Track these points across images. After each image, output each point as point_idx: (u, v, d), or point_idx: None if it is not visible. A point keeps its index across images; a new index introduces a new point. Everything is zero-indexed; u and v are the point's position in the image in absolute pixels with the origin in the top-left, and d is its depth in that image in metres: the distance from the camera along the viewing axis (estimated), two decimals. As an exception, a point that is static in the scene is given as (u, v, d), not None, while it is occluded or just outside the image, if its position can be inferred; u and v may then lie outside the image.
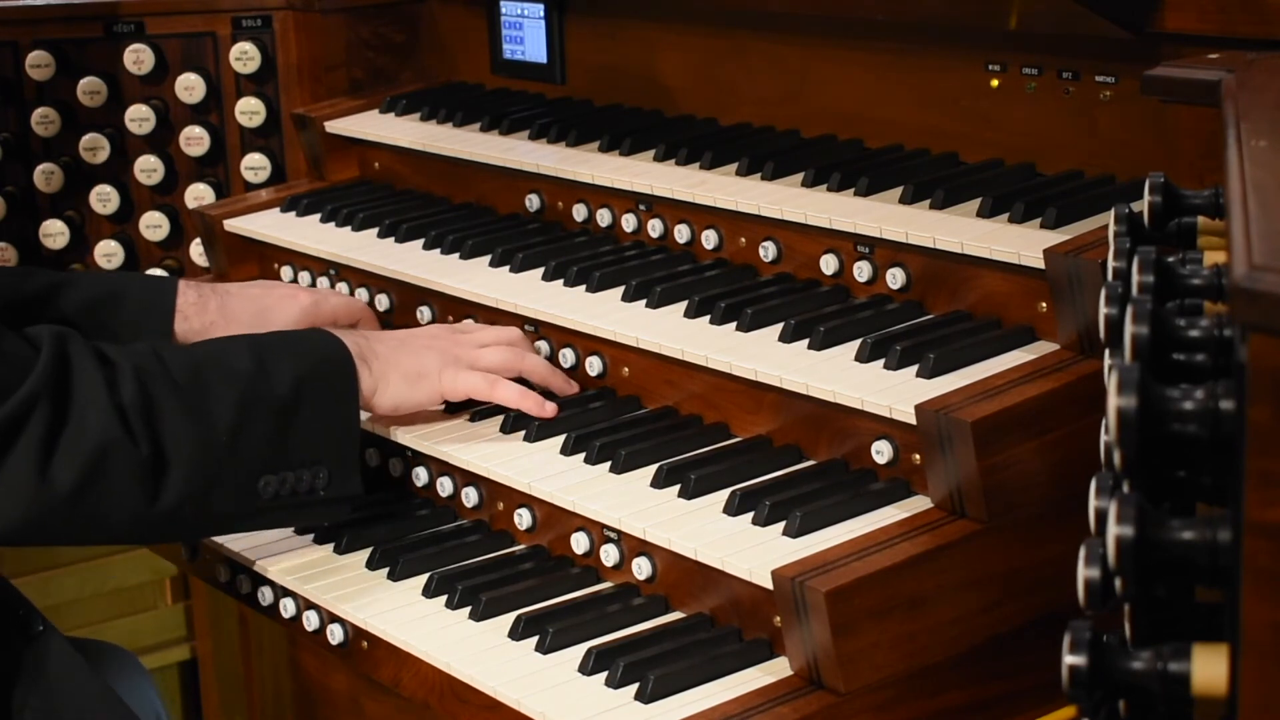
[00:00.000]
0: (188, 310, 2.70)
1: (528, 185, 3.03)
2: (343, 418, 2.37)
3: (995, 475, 2.04)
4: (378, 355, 2.45)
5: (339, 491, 2.36)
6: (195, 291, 2.73)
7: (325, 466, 2.33)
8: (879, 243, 2.45)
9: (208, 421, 2.24)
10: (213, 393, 2.26)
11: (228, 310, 2.72)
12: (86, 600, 4.05)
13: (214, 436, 2.24)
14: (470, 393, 2.50)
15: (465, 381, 2.49)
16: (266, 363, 2.31)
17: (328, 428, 2.34)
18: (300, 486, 2.32)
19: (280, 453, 2.30)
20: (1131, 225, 1.72)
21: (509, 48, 3.43)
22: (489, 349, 2.54)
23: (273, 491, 2.30)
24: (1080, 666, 1.26)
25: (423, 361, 2.48)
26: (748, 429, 2.39)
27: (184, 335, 2.69)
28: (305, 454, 2.32)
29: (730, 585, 2.13)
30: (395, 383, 2.45)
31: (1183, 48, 2.18)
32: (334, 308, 2.78)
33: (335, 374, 2.37)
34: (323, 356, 2.38)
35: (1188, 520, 1.23)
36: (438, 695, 2.22)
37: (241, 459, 2.27)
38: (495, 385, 2.50)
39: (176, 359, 2.28)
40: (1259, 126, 1.60)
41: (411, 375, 2.46)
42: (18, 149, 3.58)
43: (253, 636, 3.87)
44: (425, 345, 2.51)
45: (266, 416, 2.28)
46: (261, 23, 3.54)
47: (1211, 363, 1.35)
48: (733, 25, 3.00)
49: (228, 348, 2.36)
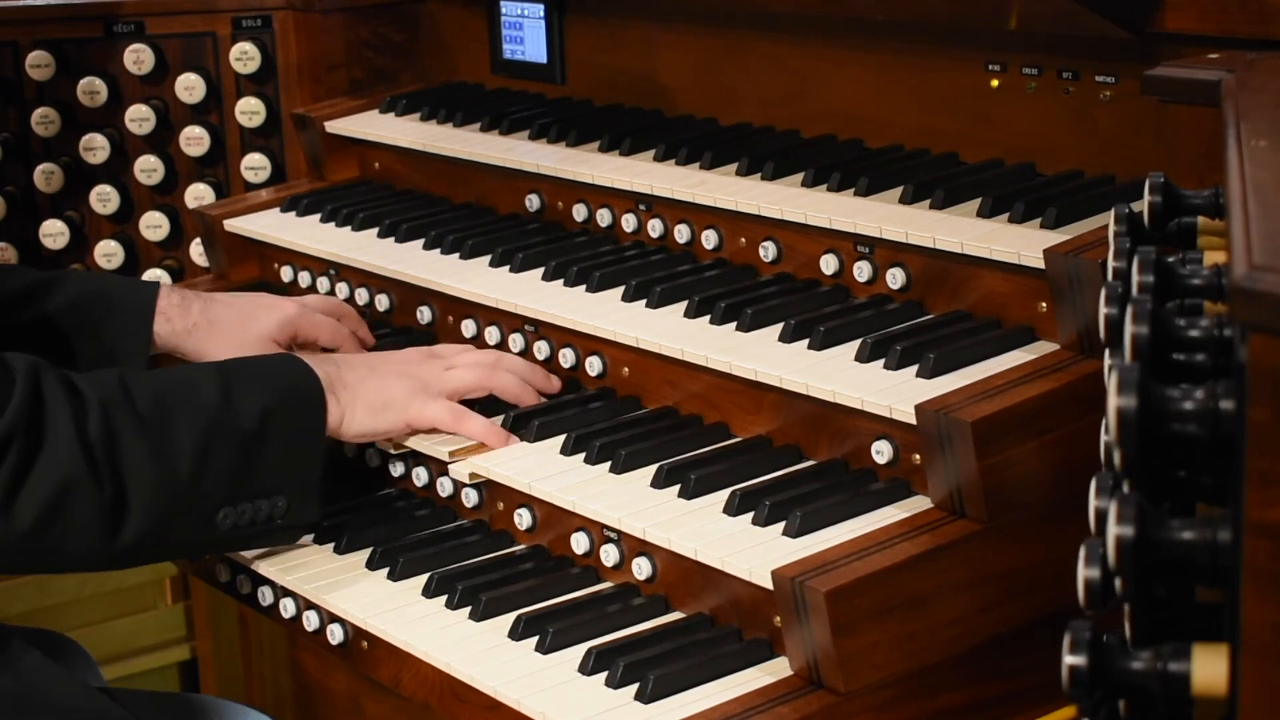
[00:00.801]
0: (170, 312, 2.70)
1: (528, 185, 3.03)
2: (308, 448, 2.36)
3: (995, 475, 2.04)
4: (346, 385, 2.44)
5: (295, 519, 2.37)
6: (178, 295, 2.74)
7: (284, 496, 2.33)
8: (879, 243, 2.45)
9: (171, 460, 2.23)
10: (177, 427, 2.25)
11: (211, 313, 2.72)
12: (86, 600, 4.05)
13: (176, 475, 2.23)
14: (435, 424, 2.49)
15: (431, 411, 2.48)
16: (234, 393, 2.30)
17: (292, 459, 2.34)
18: (259, 516, 2.32)
19: (241, 485, 2.30)
20: (1131, 225, 1.72)
21: (509, 48, 3.43)
22: (457, 370, 2.54)
23: (230, 523, 2.30)
24: (1080, 666, 1.26)
25: (389, 391, 2.47)
26: (748, 429, 2.39)
27: (166, 336, 2.69)
28: (267, 484, 2.32)
29: (730, 585, 2.13)
30: (360, 413, 2.44)
31: (1183, 48, 2.18)
32: (317, 324, 2.77)
33: (303, 405, 2.37)
34: (291, 386, 2.37)
35: (1188, 520, 1.23)
36: (438, 695, 2.22)
37: (202, 495, 2.27)
38: (460, 420, 2.48)
39: (143, 390, 2.26)
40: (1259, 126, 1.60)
41: (377, 406, 2.45)
42: (18, 149, 3.58)
43: (253, 636, 3.87)
44: (395, 372, 2.50)
45: (230, 450, 2.28)
46: (261, 23, 3.54)
47: (1211, 363, 1.35)
48: (733, 25, 3.01)
49: (196, 376, 2.35)
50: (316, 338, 2.76)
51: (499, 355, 2.60)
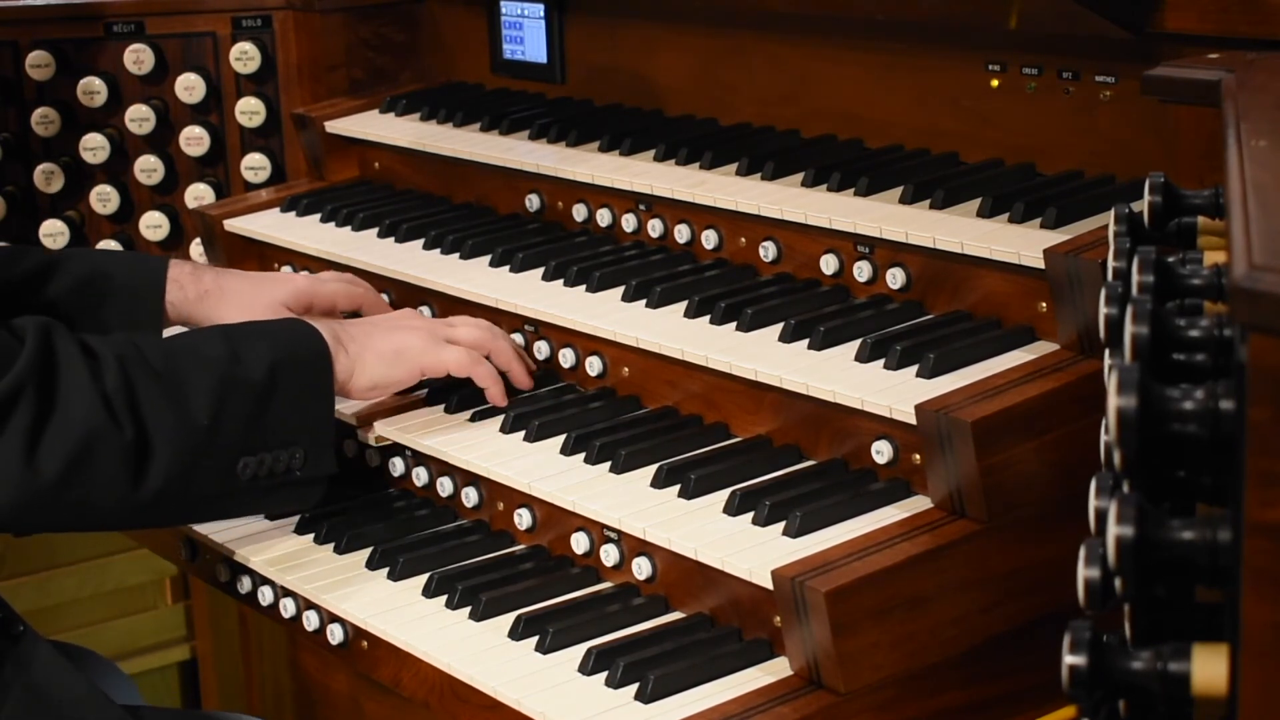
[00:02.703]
0: (183, 279, 2.72)
1: (528, 185, 3.03)
2: (318, 398, 2.40)
3: (995, 475, 2.05)
4: (354, 338, 2.48)
5: (314, 471, 2.39)
6: (190, 265, 2.76)
7: (301, 447, 2.37)
8: (879, 243, 2.45)
9: (187, 405, 2.27)
10: (190, 377, 2.29)
11: (223, 281, 2.75)
12: (86, 600, 4.05)
13: (194, 419, 2.28)
14: (452, 366, 2.53)
15: (448, 354, 2.52)
16: (240, 348, 2.35)
17: (303, 409, 2.38)
18: (277, 467, 2.36)
19: (258, 434, 2.33)
20: (1131, 225, 1.72)
21: (509, 48, 3.43)
22: (463, 327, 2.58)
23: (251, 473, 2.34)
24: (1080, 666, 1.26)
25: (399, 340, 2.51)
26: (748, 429, 2.39)
27: (179, 304, 2.71)
28: (282, 435, 2.35)
29: (730, 585, 2.13)
30: (372, 363, 2.47)
31: (1183, 48, 2.18)
32: (332, 293, 2.78)
33: (309, 357, 2.41)
34: (295, 341, 2.41)
35: (1188, 520, 1.23)
36: (438, 695, 2.22)
37: (221, 441, 2.30)
38: (477, 363, 2.54)
39: (153, 348, 2.32)
40: (1259, 126, 1.60)
41: (388, 355, 2.49)
42: (18, 149, 3.58)
43: (253, 636, 3.87)
44: (400, 325, 2.55)
45: (243, 399, 2.32)
46: (261, 23, 3.54)
47: (1211, 363, 1.35)
48: (733, 25, 3.00)
49: (200, 337, 2.41)
50: (334, 304, 2.78)
51: (487, 323, 2.63)
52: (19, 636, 2.34)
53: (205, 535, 2.59)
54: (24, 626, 2.36)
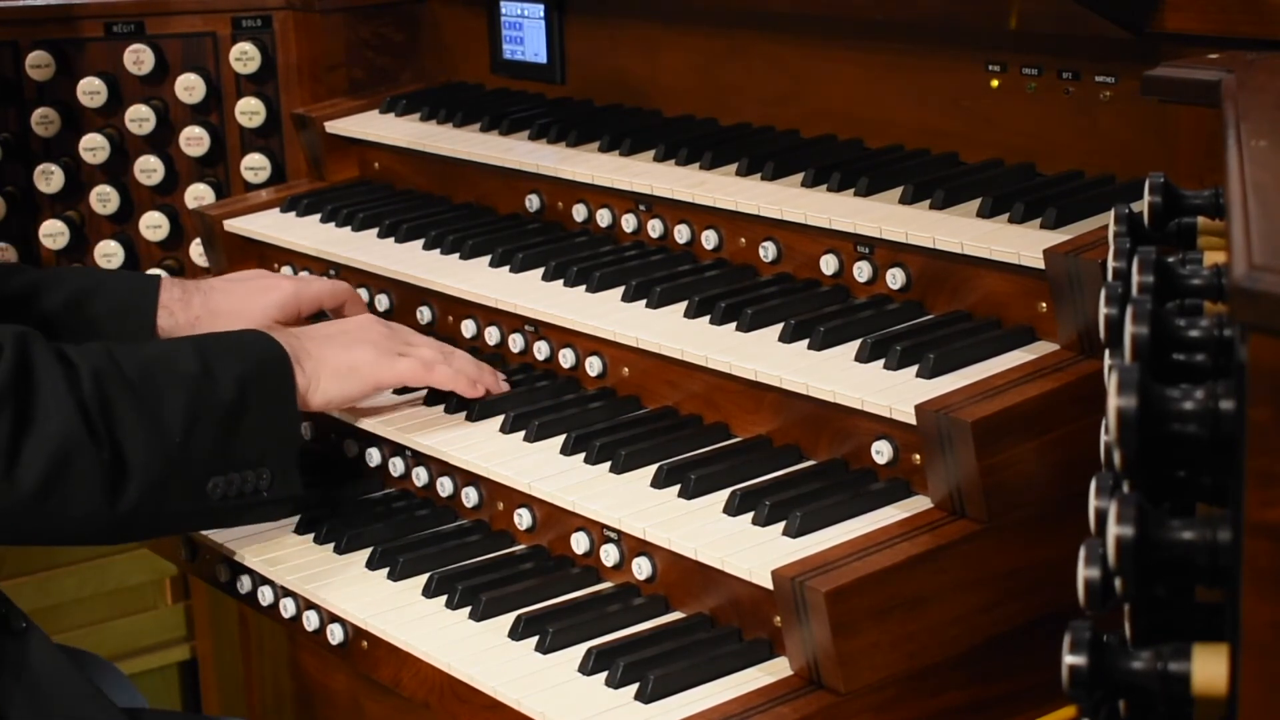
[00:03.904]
0: (172, 306, 2.72)
1: (528, 185, 3.03)
2: (283, 418, 2.41)
3: (995, 475, 2.05)
4: (310, 355, 2.48)
5: (281, 492, 2.41)
6: (179, 288, 2.75)
7: (268, 468, 2.38)
8: (879, 243, 2.45)
9: (161, 425, 2.28)
10: (165, 395, 2.30)
11: (211, 304, 2.74)
12: (86, 600, 4.05)
13: (169, 438, 2.29)
14: (406, 377, 2.54)
15: (402, 366, 2.53)
16: (212, 366, 2.35)
17: (270, 429, 2.39)
18: (246, 488, 2.37)
19: (227, 454, 2.35)
20: (1131, 225, 1.72)
21: (509, 48, 3.43)
22: (418, 345, 2.58)
23: (221, 493, 2.35)
24: (1080, 666, 1.26)
25: (354, 356, 2.50)
26: (748, 429, 2.39)
27: (169, 330, 2.71)
28: (250, 455, 2.37)
29: (730, 585, 2.13)
30: (326, 380, 2.48)
31: (1183, 48, 2.18)
32: (317, 293, 2.79)
33: (274, 375, 2.41)
34: (261, 358, 2.42)
35: (1188, 520, 1.23)
36: (438, 695, 2.22)
37: (192, 461, 2.31)
38: (431, 370, 2.54)
39: (129, 360, 2.32)
40: (1259, 126, 1.60)
41: (343, 371, 2.49)
42: (18, 149, 3.58)
43: (253, 636, 3.87)
44: (356, 339, 2.54)
45: (214, 417, 2.33)
46: (261, 23, 3.54)
47: (1211, 363, 1.35)
48: (733, 25, 3.00)
49: (173, 350, 2.40)
50: (320, 305, 2.79)
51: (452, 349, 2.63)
52: (21, 632, 2.34)
53: (205, 535, 2.59)
54: (26, 623, 2.36)
